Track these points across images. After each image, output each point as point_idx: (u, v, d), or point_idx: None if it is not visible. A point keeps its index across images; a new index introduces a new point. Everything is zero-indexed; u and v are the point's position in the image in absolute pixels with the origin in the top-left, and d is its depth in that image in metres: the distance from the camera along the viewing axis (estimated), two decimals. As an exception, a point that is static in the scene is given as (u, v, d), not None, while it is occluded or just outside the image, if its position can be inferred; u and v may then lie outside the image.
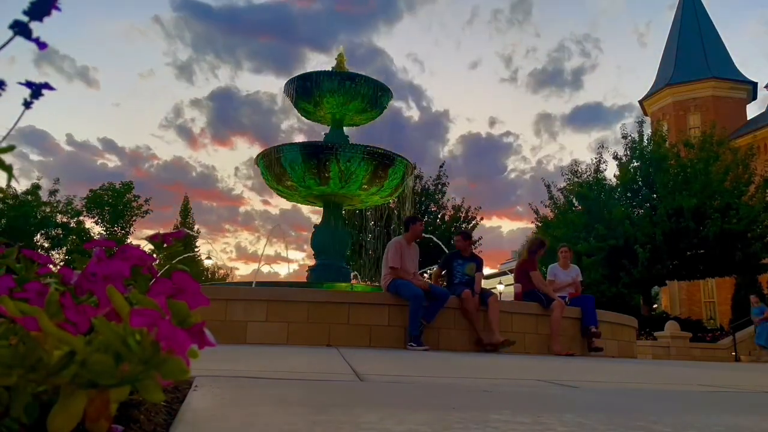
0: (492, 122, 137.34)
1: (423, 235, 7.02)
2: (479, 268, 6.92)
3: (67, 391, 0.56)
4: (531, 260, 7.25)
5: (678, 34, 34.95)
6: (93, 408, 0.56)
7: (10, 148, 0.66)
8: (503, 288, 26.41)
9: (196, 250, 35.04)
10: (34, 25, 0.62)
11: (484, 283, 7.28)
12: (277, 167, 9.38)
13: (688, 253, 18.82)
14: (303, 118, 10.85)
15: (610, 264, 18.92)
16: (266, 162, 9.53)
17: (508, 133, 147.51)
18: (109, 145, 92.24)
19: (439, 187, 25.39)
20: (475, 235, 24.77)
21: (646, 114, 34.89)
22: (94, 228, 31.40)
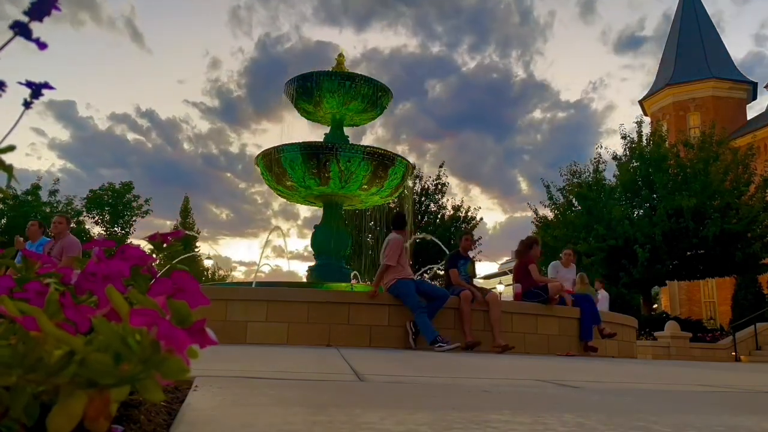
0: (591, 88, 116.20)
1: (422, 234, 7.04)
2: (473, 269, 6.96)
3: (66, 391, 0.56)
4: (528, 257, 7.31)
5: (678, 34, 34.95)
6: (93, 408, 0.56)
7: (10, 148, 0.66)
8: (503, 288, 26.41)
9: (196, 250, 35.04)
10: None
11: (484, 283, 7.31)
12: (277, 167, 9.38)
13: (688, 253, 18.81)
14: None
15: (610, 264, 18.91)
16: (266, 162, 9.54)
17: (607, 105, 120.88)
18: (147, 116, 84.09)
19: (439, 187, 25.39)
20: (476, 234, 24.79)
21: (645, 114, 34.90)
22: (94, 228, 31.42)
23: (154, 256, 0.92)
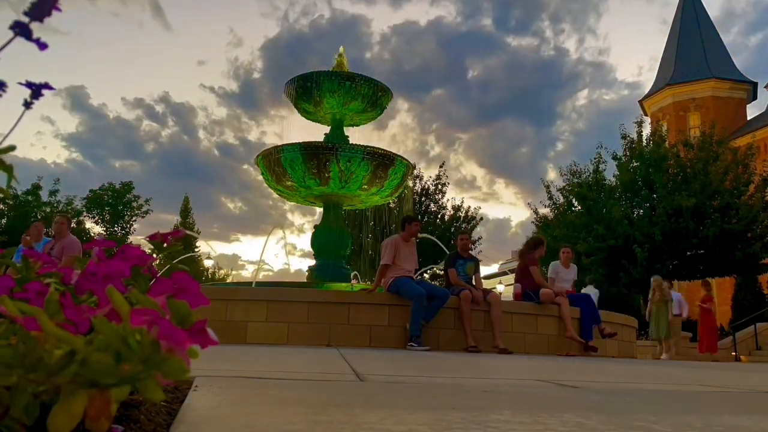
0: (638, 71, 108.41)
1: (422, 234, 7.03)
2: (477, 269, 6.94)
3: (67, 391, 0.56)
4: (531, 257, 7.28)
5: (678, 34, 34.96)
6: (93, 408, 0.56)
7: (10, 148, 0.66)
8: (503, 288, 26.41)
9: (196, 250, 35.05)
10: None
11: (484, 283, 7.32)
12: (278, 167, 9.39)
13: (688, 253, 18.80)
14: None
15: (610, 264, 18.91)
16: (266, 162, 9.54)
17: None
18: (163, 102, 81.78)
19: (439, 187, 25.38)
20: (475, 234, 24.79)
21: (645, 114, 34.89)
22: (94, 228, 31.42)
23: (154, 255, 0.92)
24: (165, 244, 1.00)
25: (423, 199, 24.67)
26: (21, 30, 0.62)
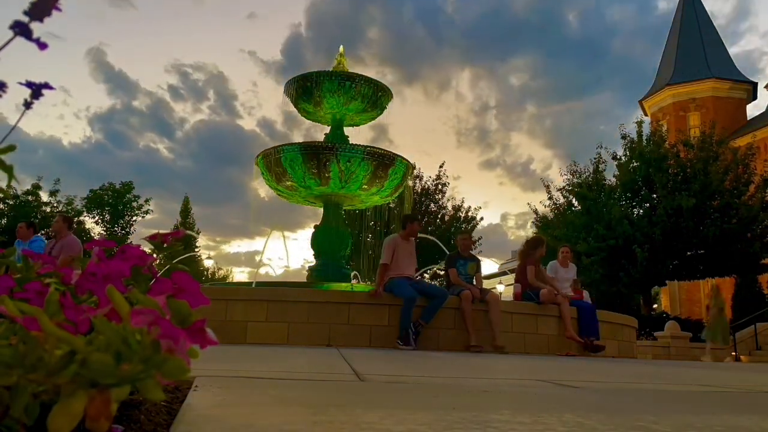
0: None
1: (421, 234, 7.03)
2: (478, 268, 6.94)
3: (67, 391, 0.56)
4: (531, 258, 7.28)
5: (678, 34, 34.97)
6: (93, 407, 0.56)
7: (10, 149, 0.66)
8: (503, 288, 26.40)
9: (196, 250, 35.09)
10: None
11: (484, 283, 7.32)
12: (277, 167, 9.39)
13: (688, 253, 18.80)
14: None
15: (610, 264, 18.91)
16: (266, 162, 9.54)
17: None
18: (201, 69, 73.79)
19: (439, 186, 25.38)
20: (475, 234, 24.77)
21: (645, 114, 34.90)
22: (95, 228, 31.45)
23: (154, 256, 0.92)
24: (165, 244, 1.00)
25: (423, 199, 24.66)
26: (21, 30, 0.62)
